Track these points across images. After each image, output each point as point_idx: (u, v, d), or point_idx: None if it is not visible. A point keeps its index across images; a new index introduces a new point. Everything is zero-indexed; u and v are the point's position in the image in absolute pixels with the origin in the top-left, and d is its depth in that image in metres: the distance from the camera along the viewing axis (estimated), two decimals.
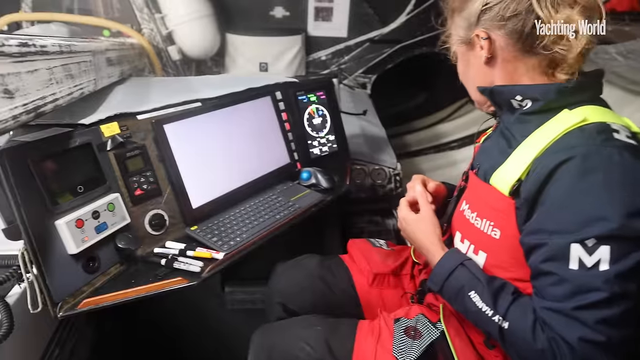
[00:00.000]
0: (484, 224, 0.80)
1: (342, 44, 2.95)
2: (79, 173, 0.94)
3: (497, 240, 0.78)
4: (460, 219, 0.88)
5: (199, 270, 0.96)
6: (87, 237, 0.91)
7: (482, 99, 0.87)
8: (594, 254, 0.64)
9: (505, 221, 0.76)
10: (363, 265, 1.14)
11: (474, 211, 0.83)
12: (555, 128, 0.72)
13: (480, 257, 0.82)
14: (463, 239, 0.86)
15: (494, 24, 0.77)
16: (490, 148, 0.86)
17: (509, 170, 0.76)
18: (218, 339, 1.61)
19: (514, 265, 0.77)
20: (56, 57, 0.89)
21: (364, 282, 1.12)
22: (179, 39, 2.46)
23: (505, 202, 0.76)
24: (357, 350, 0.88)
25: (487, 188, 0.80)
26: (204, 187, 1.19)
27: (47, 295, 0.85)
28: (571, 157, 0.66)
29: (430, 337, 0.86)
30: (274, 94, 1.44)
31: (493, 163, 0.81)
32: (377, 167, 1.90)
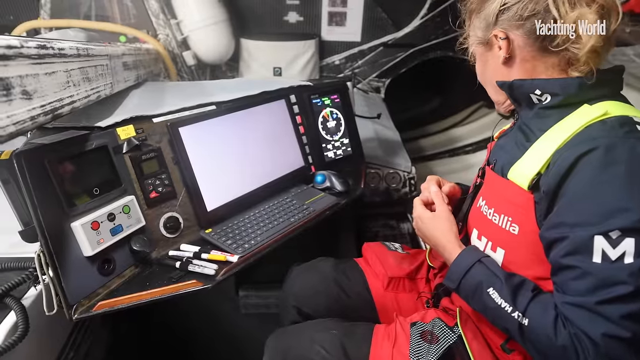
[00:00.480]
0: (502, 219, 0.79)
1: (356, 48, 2.94)
2: (95, 175, 0.95)
3: (516, 236, 0.77)
4: (477, 216, 0.87)
5: (213, 273, 0.96)
6: (102, 239, 0.91)
7: (502, 97, 0.86)
8: (619, 247, 0.62)
9: (524, 216, 0.75)
10: (378, 269, 1.12)
11: (491, 207, 0.82)
12: (576, 122, 0.71)
13: (499, 254, 0.81)
14: (480, 236, 0.85)
15: (512, 23, 0.76)
16: (507, 143, 0.85)
17: (527, 164, 0.75)
18: (232, 343, 1.60)
19: (534, 261, 0.76)
20: (74, 60, 0.90)
21: (379, 286, 1.11)
22: (194, 45, 2.48)
23: (524, 197, 0.75)
24: (374, 355, 0.87)
25: (504, 183, 0.79)
26: (219, 190, 1.18)
27: (62, 298, 0.85)
28: (593, 149, 0.65)
29: (447, 341, 0.84)
30: (288, 97, 1.44)
31: (510, 158, 0.80)
32: (392, 170, 1.89)
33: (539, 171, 0.72)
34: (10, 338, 0.81)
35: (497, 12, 0.77)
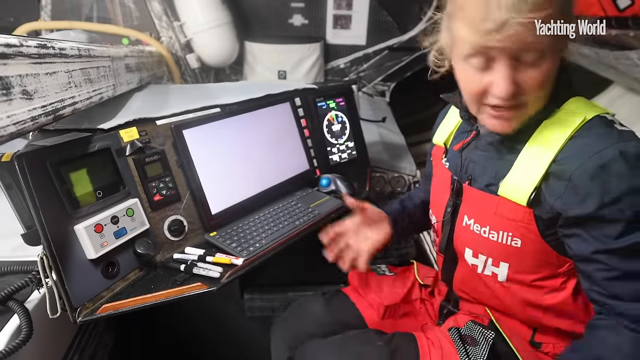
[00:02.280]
0: (502, 235, 0.77)
1: (361, 52, 2.94)
2: (98, 178, 0.94)
3: (519, 248, 0.76)
4: (467, 236, 0.84)
5: (218, 275, 0.94)
6: (106, 242, 0.90)
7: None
8: None
9: (526, 229, 0.74)
10: (371, 298, 1.07)
11: (484, 225, 0.80)
12: (559, 131, 0.70)
13: (503, 268, 0.80)
14: (477, 254, 0.83)
15: None
16: (481, 159, 0.82)
17: (520, 180, 0.73)
18: (237, 346, 1.59)
19: (539, 266, 0.76)
20: (75, 61, 0.89)
21: (374, 316, 1.05)
22: (197, 47, 2.48)
23: (522, 212, 0.73)
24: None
25: (495, 200, 0.77)
26: (223, 193, 1.17)
27: (66, 301, 0.84)
28: (610, 161, 0.64)
29: (486, 341, 0.83)
30: (292, 100, 1.43)
31: (494, 173, 0.78)
32: (397, 174, 1.88)
33: (537, 186, 0.71)
34: (14, 341, 0.80)
35: None
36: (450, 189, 0.89)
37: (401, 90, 3.08)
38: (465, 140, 0.87)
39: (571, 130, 0.69)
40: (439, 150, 0.99)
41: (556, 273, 0.76)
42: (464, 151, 0.87)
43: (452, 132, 0.97)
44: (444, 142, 0.98)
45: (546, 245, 0.74)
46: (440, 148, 0.99)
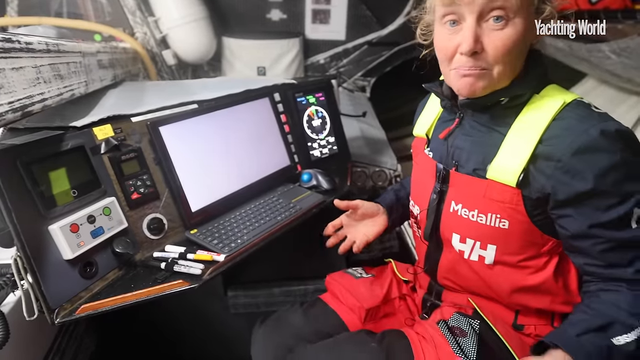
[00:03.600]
0: (490, 218, 0.80)
1: (341, 47, 2.93)
2: (72, 177, 0.91)
3: (507, 230, 0.79)
4: (455, 221, 0.86)
5: (199, 272, 0.94)
6: (82, 242, 0.88)
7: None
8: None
9: (514, 210, 0.77)
10: (351, 302, 1.06)
11: (472, 209, 0.82)
12: (541, 114, 0.75)
13: (490, 251, 0.83)
14: (464, 238, 0.86)
15: None
16: (467, 145, 0.85)
17: (508, 162, 0.76)
18: (222, 343, 1.59)
19: (525, 246, 0.80)
20: (43, 56, 0.86)
21: (355, 320, 1.04)
22: (173, 43, 2.43)
23: (510, 193, 0.77)
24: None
25: (484, 183, 0.80)
26: (203, 190, 1.16)
27: (43, 302, 0.83)
28: (593, 140, 0.69)
29: (474, 331, 0.85)
30: (272, 95, 1.42)
31: (481, 157, 0.81)
32: (378, 169, 1.89)
33: (525, 167, 0.74)
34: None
35: None
36: (435, 177, 0.90)
37: (381, 86, 3.09)
38: (450, 128, 0.89)
39: (554, 113, 0.74)
40: (420, 141, 1.01)
41: (540, 253, 0.80)
42: (449, 138, 0.89)
43: (433, 122, 0.98)
44: (425, 133, 0.99)
45: (532, 225, 0.78)
46: (422, 139, 1.00)
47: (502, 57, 0.73)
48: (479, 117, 0.83)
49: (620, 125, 0.72)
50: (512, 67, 0.76)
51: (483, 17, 0.72)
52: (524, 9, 0.72)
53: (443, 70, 0.82)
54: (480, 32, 0.73)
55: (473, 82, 0.76)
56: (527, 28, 0.73)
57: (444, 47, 0.78)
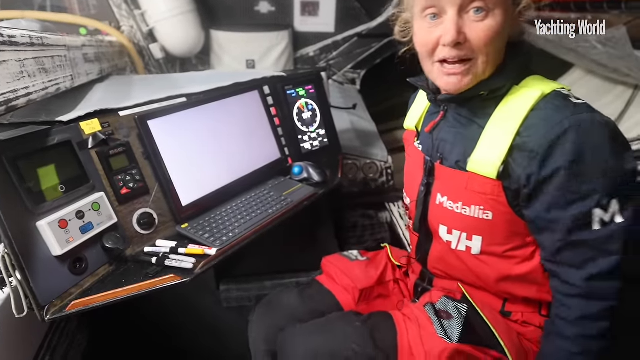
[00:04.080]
0: (474, 210, 0.81)
1: (330, 40, 2.92)
2: (60, 172, 0.90)
3: (491, 221, 0.80)
4: (441, 213, 0.88)
5: (191, 266, 0.93)
6: (71, 237, 0.87)
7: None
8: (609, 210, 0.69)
9: (496, 202, 0.78)
10: (345, 282, 1.08)
11: (457, 201, 0.83)
12: (519, 106, 0.75)
13: (476, 241, 0.84)
14: (451, 230, 0.87)
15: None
16: (450, 137, 0.86)
17: (487, 154, 0.77)
18: (215, 336, 1.59)
19: (510, 237, 0.81)
20: (27, 49, 0.85)
21: (350, 301, 1.06)
22: (160, 37, 2.40)
23: (492, 185, 0.78)
24: (402, 339, 0.87)
25: (466, 176, 0.81)
26: (193, 184, 1.15)
27: (32, 299, 0.82)
28: (565, 132, 0.69)
29: (460, 314, 0.86)
30: (261, 88, 1.41)
31: (462, 150, 0.82)
32: (369, 161, 1.89)
33: (504, 159, 0.75)
34: None
35: None
36: (423, 169, 0.91)
37: (372, 78, 3.09)
38: (435, 121, 0.90)
39: (531, 104, 0.74)
40: (410, 134, 1.02)
41: (525, 243, 0.81)
42: (435, 131, 0.90)
43: (421, 115, 1.00)
44: (415, 126, 1.00)
45: (515, 216, 0.79)
46: (412, 132, 1.02)
47: (485, 48, 0.74)
48: (460, 109, 0.84)
49: (598, 117, 0.71)
50: (494, 58, 0.77)
51: (464, 9, 0.73)
52: (503, 1, 0.73)
53: (425, 66, 0.83)
54: (462, 24, 0.74)
55: (459, 80, 0.77)
56: (506, 19, 0.74)
57: (425, 41, 0.78)
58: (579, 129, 0.69)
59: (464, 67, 0.76)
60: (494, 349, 0.82)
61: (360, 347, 0.86)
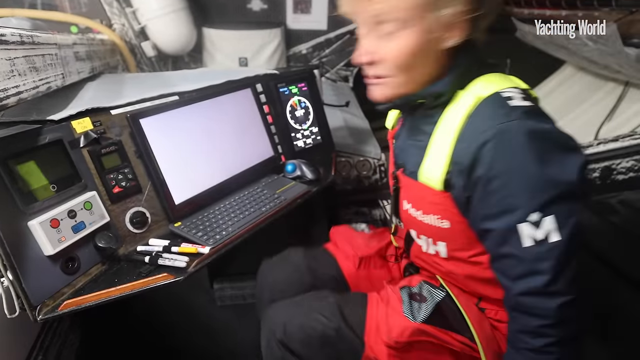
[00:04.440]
0: (431, 218, 0.82)
1: (323, 37, 2.92)
2: (51, 171, 0.90)
3: (449, 229, 0.80)
4: (409, 218, 0.89)
5: (184, 265, 0.93)
6: (63, 237, 0.87)
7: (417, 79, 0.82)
8: (541, 227, 0.66)
9: (449, 212, 0.78)
10: (348, 250, 1.14)
11: (418, 209, 0.84)
12: (457, 114, 0.74)
13: (441, 246, 0.85)
14: (419, 235, 0.89)
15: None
16: (407, 146, 0.87)
17: (432, 166, 0.77)
18: (209, 335, 1.59)
19: (471, 244, 0.80)
20: (17, 48, 0.84)
21: (350, 267, 1.12)
22: (152, 34, 2.39)
23: (441, 196, 0.77)
24: (370, 316, 0.90)
25: (420, 186, 0.81)
26: (186, 183, 1.15)
27: (24, 299, 0.81)
28: (487, 141, 0.68)
29: (435, 298, 0.87)
30: (254, 86, 1.41)
31: (415, 160, 0.82)
32: (362, 158, 1.90)
33: (447, 171, 0.74)
34: None
35: None
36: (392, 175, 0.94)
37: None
38: (396, 129, 0.93)
39: (466, 111, 0.72)
40: (391, 134, 1.04)
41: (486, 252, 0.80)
42: (398, 139, 0.92)
43: (396, 118, 1.02)
44: (392, 127, 1.03)
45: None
46: (392, 132, 1.03)
47: (397, 68, 0.74)
48: (411, 119, 0.85)
49: (530, 124, 0.66)
50: (417, 74, 0.76)
51: (373, 28, 0.72)
52: (413, 19, 0.70)
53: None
54: (375, 43, 0.74)
55: (372, 90, 0.80)
56: (422, 36, 0.72)
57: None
58: (500, 139, 0.67)
59: (381, 82, 0.77)
60: (463, 334, 0.83)
61: (328, 320, 0.90)
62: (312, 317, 0.92)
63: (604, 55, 2.01)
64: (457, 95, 0.76)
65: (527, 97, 0.72)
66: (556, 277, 0.66)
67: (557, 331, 0.68)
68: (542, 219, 0.65)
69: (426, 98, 0.78)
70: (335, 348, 0.90)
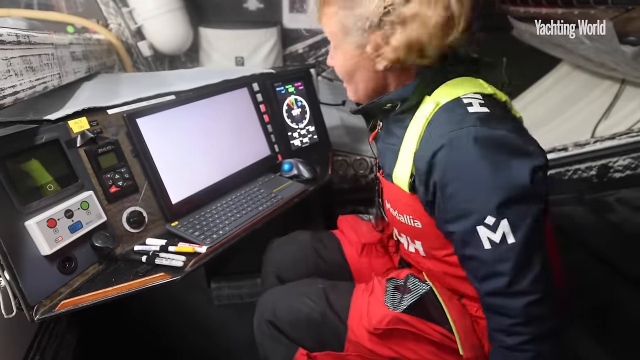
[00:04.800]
0: (406, 218, 0.84)
1: (319, 36, 2.91)
2: (48, 171, 0.90)
3: (422, 229, 0.83)
4: (391, 217, 0.92)
5: (181, 264, 0.94)
6: (60, 237, 0.87)
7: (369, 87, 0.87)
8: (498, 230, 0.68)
9: (419, 213, 0.81)
10: (352, 237, 1.17)
11: (395, 209, 0.87)
12: (420, 120, 0.76)
13: (418, 245, 0.89)
14: (400, 233, 0.93)
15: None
16: (384, 149, 0.90)
17: (401, 169, 0.80)
18: (206, 334, 1.59)
19: (444, 244, 0.82)
20: (14, 48, 0.84)
21: (353, 253, 1.15)
22: (149, 34, 2.38)
23: (410, 198, 0.80)
24: (354, 304, 0.93)
25: (394, 188, 0.84)
26: (183, 182, 1.15)
27: (21, 299, 0.81)
28: (440, 148, 0.70)
29: (419, 291, 0.90)
30: (250, 85, 1.41)
31: (390, 163, 0.85)
32: (359, 157, 1.90)
33: (411, 173, 0.77)
34: None
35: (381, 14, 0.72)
36: None
37: None
38: (375, 132, 0.96)
39: (427, 119, 0.74)
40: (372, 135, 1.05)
41: None
42: (377, 142, 0.95)
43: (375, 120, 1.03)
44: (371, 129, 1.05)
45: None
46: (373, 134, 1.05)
47: (342, 76, 0.85)
48: (388, 123, 0.87)
49: (482, 131, 0.68)
50: (359, 87, 0.84)
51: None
52: (339, 40, 0.80)
53: None
54: (332, 51, 0.85)
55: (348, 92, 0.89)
56: (349, 55, 0.80)
57: None
58: (452, 146, 0.69)
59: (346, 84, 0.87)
60: (442, 326, 0.85)
61: (314, 303, 0.94)
62: (300, 301, 0.96)
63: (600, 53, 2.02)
64: (424, 100, 0.78)
65: (487, 103, 0.73)
66: (517, 278, 0.68)
67: (529, 329, 0.70)
68: (498, 222, 0.67)
69: (393, 102, 0.81)
70: (320, 330, 0.93)
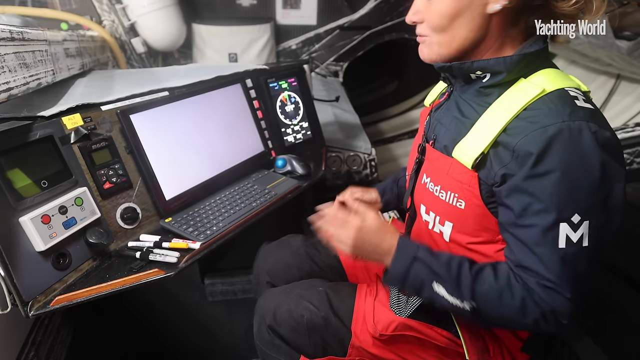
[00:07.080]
0: (449, 196, 0.80)
1: (312, 32, 2.92)
2: (42, 167, 0.90)
3: (463, 210, 0.79)
4: (423, 192, 0.88)
5: (175, 260, 0.94)
6: (55, 233, 0.87)
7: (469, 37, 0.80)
8: (579, 230, 0.67)
9: (470, 192, 0.77)
10: None
11: (437, 184, 0.83)
12: (516, 101, 0.72)
13: (447, 227, 0.84)
14: (428, 210, 0.87)
15: None
16: (446, 118, 0.86)
17: (472, 144, 0.76)
18: (200, 330, 1.60)
19: (480, 230, 0.80)
20: (7, 44, 0.84)
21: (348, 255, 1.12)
22: (142, 31, 2.38)
23: (468, 175, 0.77)
24: (358, 307, 0.92)
25: (449, 161, 0.80)
26: (177, 178, 1.16)
27: (16, 295, 0.82)
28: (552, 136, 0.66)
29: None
30: (244, 81, 1.42)
31: (453, 136, 0.81)
32: (352, 153, 1.91)
33: (483, 151, 0.74)
34: None
35: None
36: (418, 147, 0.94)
37: (354, 70, 3.11)
38: (438, 101, 0.91)
39: (526, 101, 0.71)
40: (425, 111, 1.02)
41: (494, 239, 0.80)
42: (437, 112, 0.90)
43: (438, 94, 1.00)
44: (430, 103, 1.01)
45: (487, 210, 0.78)
46: (427, 109, 1.02)
47: (435, 28, 0.77)
48: (464, 94, 0.83)
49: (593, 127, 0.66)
50: (464, 36, 0.76)
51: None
52: None
53: None
54: (422, 3, 0.79)
55: (422, 51, 0.83)
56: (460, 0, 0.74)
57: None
58: (563, 138, 0.66)
59: (423, 40, 0.81)
60: (448, 330, 0.85)
61: (316, 308, 0.93)
62: (301, 305, 0.95)
63: (594, 48, 2.02)
64: (519, 82, 0.75)
65: (588, 100, 0.72)
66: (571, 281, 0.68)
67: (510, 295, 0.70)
68: (581, 222, 0.67)
69: (485, 70, 0.77)
70: (323, 335, 0.92)
